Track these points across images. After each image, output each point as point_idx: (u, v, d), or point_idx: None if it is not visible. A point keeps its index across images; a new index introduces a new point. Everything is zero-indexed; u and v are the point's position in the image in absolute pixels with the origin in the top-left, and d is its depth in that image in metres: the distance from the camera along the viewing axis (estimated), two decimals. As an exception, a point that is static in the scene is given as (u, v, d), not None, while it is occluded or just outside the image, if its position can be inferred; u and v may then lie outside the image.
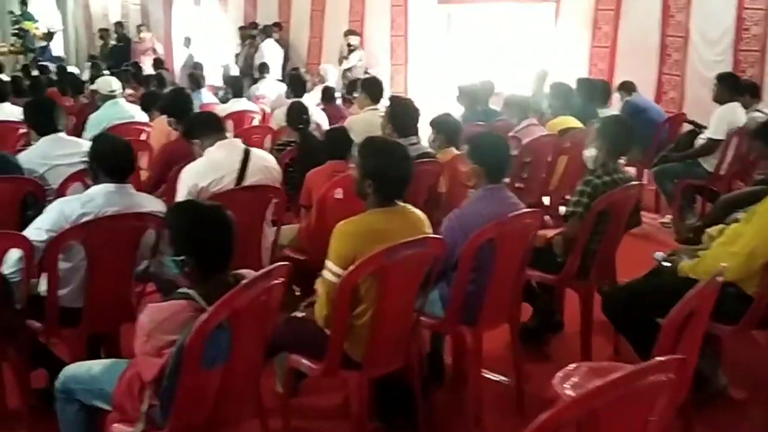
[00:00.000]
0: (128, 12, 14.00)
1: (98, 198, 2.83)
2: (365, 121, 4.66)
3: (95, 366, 2.28)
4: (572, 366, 2.24)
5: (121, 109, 5.74)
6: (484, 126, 5.33)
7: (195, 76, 7.62)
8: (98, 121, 5.57)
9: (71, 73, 9.06)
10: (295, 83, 5.92)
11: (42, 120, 3.84)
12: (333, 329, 2.38)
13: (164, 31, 12.99)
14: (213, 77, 9.88)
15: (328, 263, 2.37)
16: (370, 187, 2.41)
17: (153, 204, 3.00)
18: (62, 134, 3.92)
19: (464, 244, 2.66)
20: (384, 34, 9.87)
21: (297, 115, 4.60)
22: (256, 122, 6.74)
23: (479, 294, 2.77)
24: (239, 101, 6.77)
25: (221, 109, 6.31)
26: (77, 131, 5.69)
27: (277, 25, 10.75)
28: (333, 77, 8.59)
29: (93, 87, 5.77)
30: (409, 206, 2.53)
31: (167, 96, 4.42)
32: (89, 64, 12.23)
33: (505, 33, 9.12)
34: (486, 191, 2.81)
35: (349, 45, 9.80)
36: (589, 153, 3.44)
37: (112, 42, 13.54)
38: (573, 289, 3.42)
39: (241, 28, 11.03)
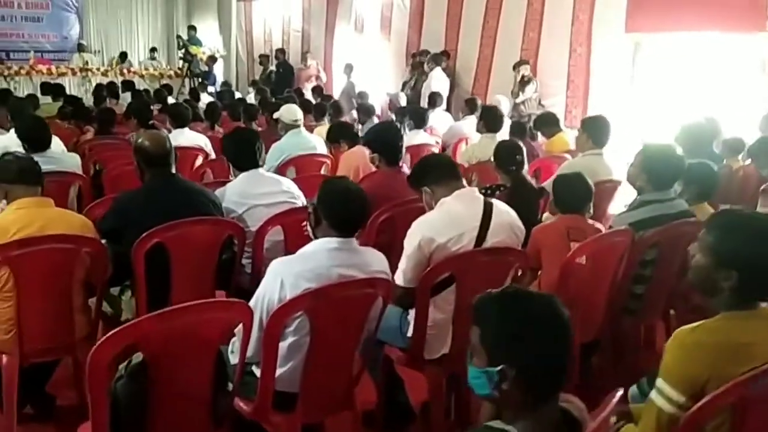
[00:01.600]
0: (289, 38, 14.10)
1: (320, 257, 2.33)
2: (586, 168, 3.95)
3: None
4: None
5: (304, 139, 5.38)
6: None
7: (366, 107, 7.22)
8: (280, 152, 5.24)
9: (242, 99, 9.01)
10: (491, 116, 5.30)
11: (243, 154, 3.46)
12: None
13: (324, 58, 12.91)
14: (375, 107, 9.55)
15: (662, 384, 1.70)
16: (728, 281, 1.70)
17: (378, 262, 2.47)
18: (262, 170, 3.53)
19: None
20: (561, 63, 9.11)
21: (509, 154, 3.98)
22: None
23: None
24: (418, 134, 6.27)
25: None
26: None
27: (445, 53, 10.28)
28: (506, 109, 7.95)
29: (276, 115, 5.45)
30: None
31: (374, 129, 3.94)
32: (251, 89, 12.36)
33: (705, 66, 8.11)
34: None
35: (523, 77, 9.14)
36: None
37: (272, 68, 13.65)
38: None
39: (413, 56, 10.65)
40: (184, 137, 5.75)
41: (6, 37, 14.91)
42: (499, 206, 2.74)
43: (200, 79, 13.34)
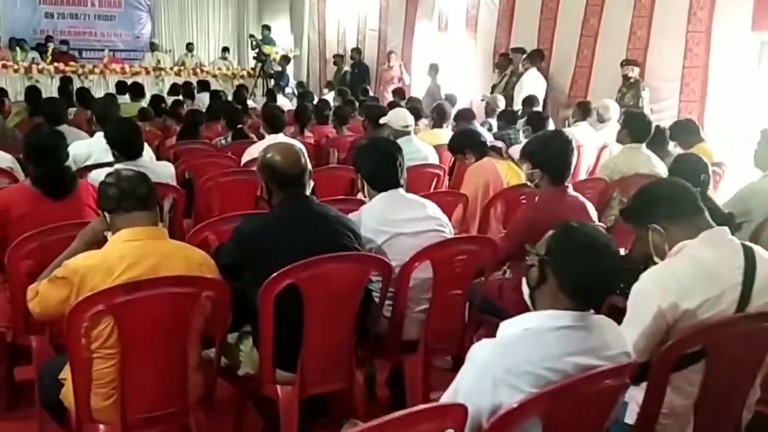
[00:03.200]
0: (364, 38, 13.51)
1: (546, 342, 1.64)
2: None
3: None
4: None
5: (415, 148, 4.73)
6: None
7: (465, 112, 6.52)
8: (389, 162, 4.61)
9: (325, 101, 8.42)
10: (638, 124, 4.52)
11: (383, 170, 2.82)
12: None
13: (402, 58, 12.28)
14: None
15: None
16: None
17: (619, 340, 1.74)
18: (402, 190, 2.88)
19: None
20: (674, 64, 8.24)
21: (692, 173, 3.23)
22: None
23: None
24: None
25: (512, 152, 5.14)
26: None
27: (539, 52, 9.52)
28: (615, 115, 7.16)
29: (383, 120, 4.81)
30: None
31: (537, 139, 3.22)
32: (326, 90, 11.81)
33: None
34: None
35: (626, 77, 8.35)
36: None
37: (346, 68, 13.11)
38: None
39: (502, 55, 9.91)
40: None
41: (79, 36, 14.79)
42: (761, 252, 2.02)
43: (274, 80, 12.89)
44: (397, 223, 2.74)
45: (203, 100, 10.08)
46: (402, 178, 2.85)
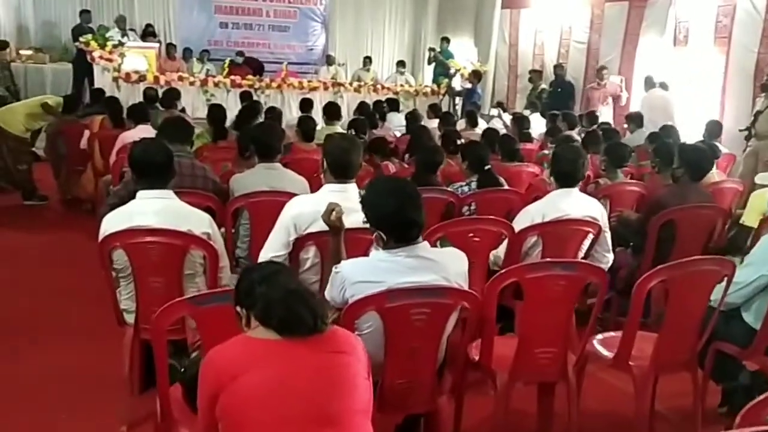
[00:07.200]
0: (568, 51, 11.66)
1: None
2: None
3: None
4: None
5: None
6: None
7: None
8: None
9: (559, 129, 6.71)
10: None
11: None
12: None
13: (619, 75, 10.33)
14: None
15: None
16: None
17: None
18: None
19: None
20: None
21: None
22: None
23: None
24: None
25: None
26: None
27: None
28: None
29: (760, 179, 3.00)
30: None
31: None
32: (528, 111, 10.07)
33: None
34: None
35: None
36: None
37: (543, 86, 11.33)
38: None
39: (770, 80, 7.78)
40: (574, 201, 3.50)
41: (253, 47, 14.00)
42: None
43: (462, 99, 11.34)
44: None
45: (393, 121, 8.71)
46: None
